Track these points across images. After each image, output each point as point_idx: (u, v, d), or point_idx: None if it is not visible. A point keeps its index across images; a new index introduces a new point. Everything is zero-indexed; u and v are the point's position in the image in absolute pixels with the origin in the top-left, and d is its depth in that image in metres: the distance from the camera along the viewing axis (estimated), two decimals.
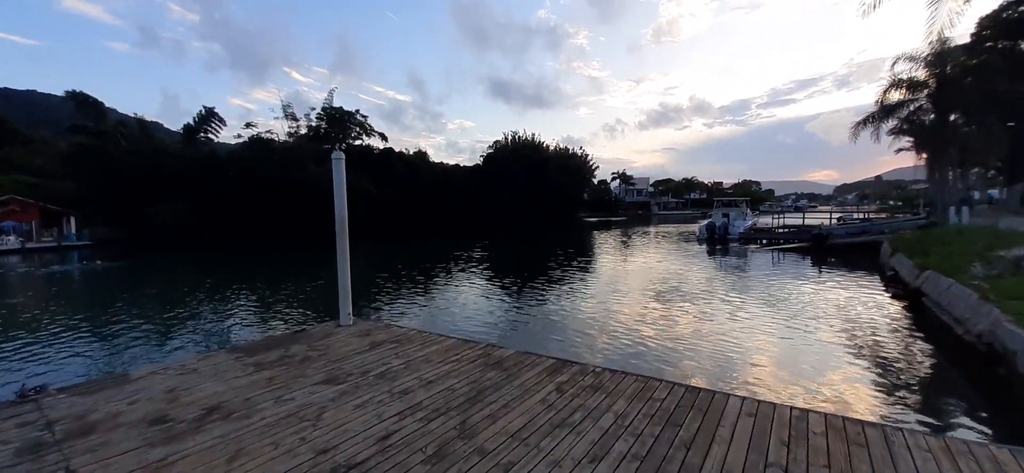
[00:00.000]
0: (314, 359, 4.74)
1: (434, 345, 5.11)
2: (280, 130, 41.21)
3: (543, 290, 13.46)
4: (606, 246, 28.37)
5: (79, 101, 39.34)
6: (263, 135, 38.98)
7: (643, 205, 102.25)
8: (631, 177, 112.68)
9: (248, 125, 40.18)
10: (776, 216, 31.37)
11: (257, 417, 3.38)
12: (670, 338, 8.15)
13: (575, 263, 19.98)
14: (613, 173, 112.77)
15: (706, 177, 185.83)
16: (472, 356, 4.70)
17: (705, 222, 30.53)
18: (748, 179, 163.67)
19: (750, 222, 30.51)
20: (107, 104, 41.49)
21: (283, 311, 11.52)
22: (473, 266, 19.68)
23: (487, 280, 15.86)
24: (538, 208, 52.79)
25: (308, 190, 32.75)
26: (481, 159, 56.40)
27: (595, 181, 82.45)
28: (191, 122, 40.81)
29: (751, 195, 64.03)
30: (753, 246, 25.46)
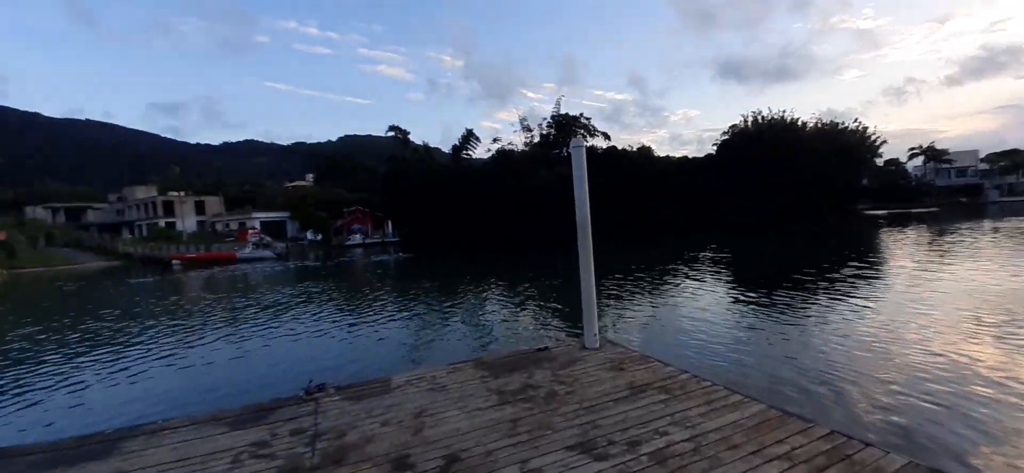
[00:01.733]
0: (561, 396, 3.76)
1: (728, 410, 3.37)
2: (519, 142, 46.65)
3: (843, 316, 9.56)
4: (926, 255, 19.55)
5: (396, 135, 53.81)
6: (505, 148, 44.96)
7: (969, 189, 71.04)
8: (945, 152, 78.67)
9: (495, 140, 47.47)
10: None
11: None
12: None
13: (878, 277, 14.13)
14: (910, 149, 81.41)
15: None
16: (810, 451, 2.74)
17: None
18: None
19: None
20: (411, 137, 55.65)
21: (522, 313, 11.74)
22: (719, 273, 16.43)
23: (744, 295, 12.64)
24: (795, 199, 42.35)
25: (538, 193, 35.23)
26: (713, 148, 49.41)
27: (880, 161, 61.29)
28: (456, 143, 50.39)
29: None
30: None
